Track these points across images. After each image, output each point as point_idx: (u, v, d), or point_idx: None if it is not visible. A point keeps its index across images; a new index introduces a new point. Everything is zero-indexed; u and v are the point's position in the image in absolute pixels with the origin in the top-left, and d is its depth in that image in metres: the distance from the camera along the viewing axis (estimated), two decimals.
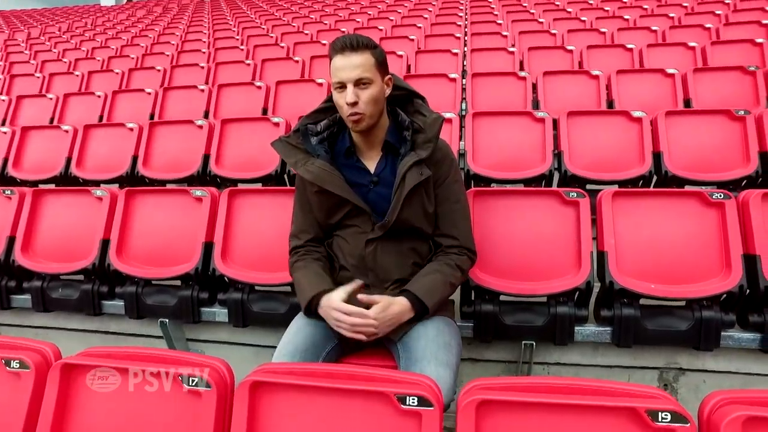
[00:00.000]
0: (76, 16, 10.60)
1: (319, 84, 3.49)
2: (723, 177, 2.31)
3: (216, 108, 3.56)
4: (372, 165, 1.48)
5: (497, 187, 2.23)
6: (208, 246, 1.97)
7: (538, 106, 3.19)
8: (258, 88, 3.57)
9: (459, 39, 4.73)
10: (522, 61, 3.96)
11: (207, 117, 3.49)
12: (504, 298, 1.74)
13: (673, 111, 2.54)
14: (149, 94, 3.73)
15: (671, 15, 5.03)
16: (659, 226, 1.71)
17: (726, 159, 2.36)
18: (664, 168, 2.36)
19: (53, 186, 2.99)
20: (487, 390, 0.98)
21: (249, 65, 4.33)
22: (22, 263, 2.14)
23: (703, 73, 3.09)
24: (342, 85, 1.36)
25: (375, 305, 1.33)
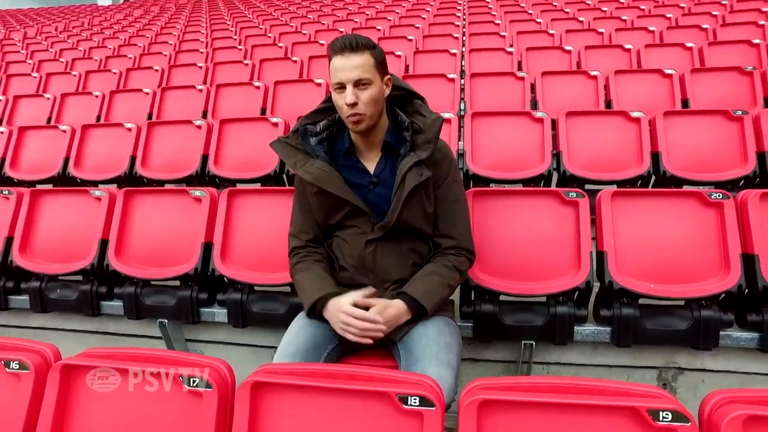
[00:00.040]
0: (72, 15, 10.56)
1: (318, 84, 3.49)
2: (721, 177, 2.32)
3: (214, 108, 3.55)
4: (371, 165, 1.48)
5: (497, 187, 2.23)
6: (207, 246, 1.97)
7: (536, 106, 3.19)
8: (256, 88, 3.57)
9: (457, 39, 4.73)
10: (520, 62, 3.96)
11: (205, 117, 3.48)
12: (504, 298, 1.75)
13: (672, 111, 2.55)
14: (147, 94, 3.72)
15: (668, 15, 5.05)
16: (658, 226, 1.72)
17: (724, 159, 2.37)
18: (662, 168, 2.36)
19: (51, 186, 2.98)
20: (489, 390, 0.98)
21: (247, 65, 4.32)
22: (20, 264, 2.13)
23: (701, 74, 3.11)
24: (341, 86, 1.35)
25: (372, 308, 1.34)
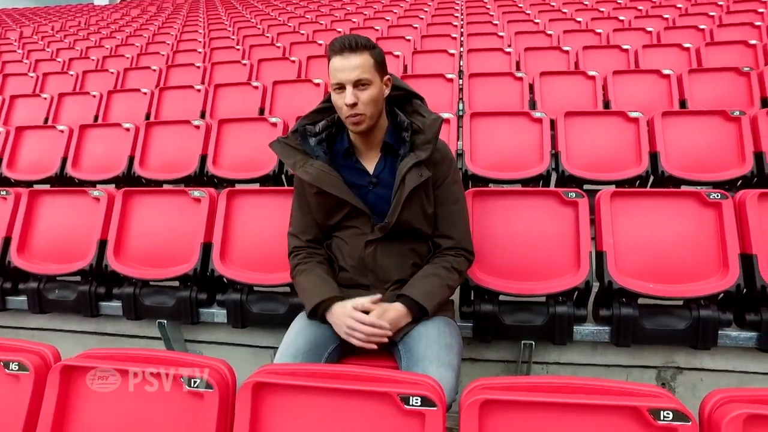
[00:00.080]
0: (69, 15, 10.52)
1: (317, 84, 3.48)
2: (719, 177, 2.33)
3: (212, 108, 3.54)
4: (371, 166, 1.48)
5: (496, 188, 2.23)
6: (206, 247, 1.96)
7: (534, 106, 3.20)
8: (255, 88, 3.56)
9: (455, 39, 4.74)
10: (518, 62, 3.97)
11: (203, 117, 3.47)
12: (503, 298, 1.75)
13: (670, 111, 2.56)
14: (145, 94, 3.71)
15: (665, 16, 5.07)
16: (657, 226, 1.72)
17: (721, 159, 2.38)
18: (660, 168, 2.37)
19: (48, 186, 2.97)
20: (490, 390, 0.98)
21: (245, 65, 4.32)
22: (17, 264, 2.12)
23: (698, 74, 3.12)
24: (341, 87, 1.35)
25: (371, 312, 1.34)
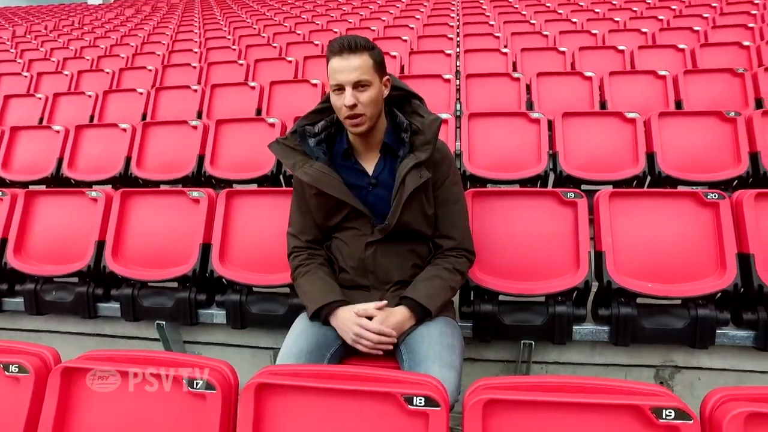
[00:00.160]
0: (62, 14, 10.45)
1: (314, 84, 3.48)
2: (715, 177, 2.35)
3: (209, 108, 3.53)
4: (370, 167, 1.48)
5: (496, 188, 2.24)
6: (205, 247, 1.96)
7: (531, 106, 3.21)
8: (252, 88, 3.55)
9: (452, 40, 4.75)
10: (515, 62, 3.99)
11: (200, 117, 3.46)
12: (503, 298, 1.76)
13: (666, 112, 2.58)
14: (141, 94, 3.69)
15: (660, 17, 5.10)
16: (655, 225, 1.73)
17: (717, 159, 2.40)
18: (657, 168, 2.39)
19: (44, 187, 2.95)
20: (493, 389, 0.99)
21: (242, 65, 4.30)
22: (14, 266, 2.11)
23: (694, 75, 3.14)
24: (340, 88, 1.34)
25: (374, 318, 1.34)
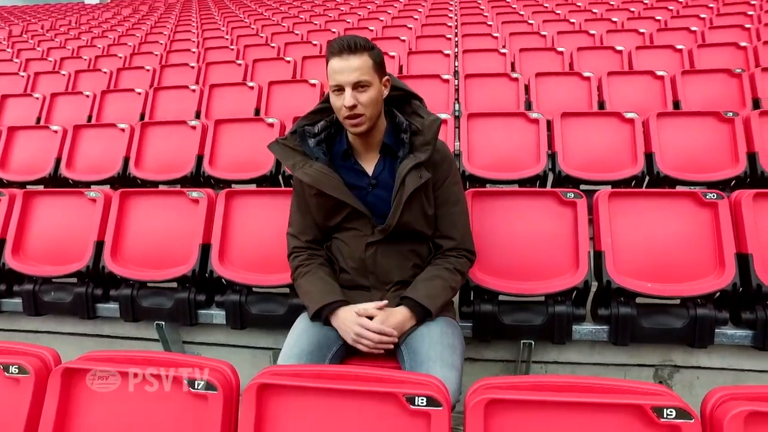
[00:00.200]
0: (59, 13, 10.41)
1: (312, 85, 3.48)
2: (713, 177, 2.36)
3: (208, 108, 3.52)
4: (370, 167, 1.48)
5: (495, 188, 2.24)
6: (205, 248, 1.95)
7: (530, 107, 3.21)
8: (250, 88, 3.54)
9: (450, 40, 4.75)
10: (513, 62, 3.99)
11: (198, 117, 3.45)
12: (503, 297, 1.76)
13: (665, 112, 2.59)
14: (139, 94, 3.68)
15: (658, 18, 5.12)
16: (655, 225, 1.74)
17: (715, 159, 2.41)
18: (656, 168, 2.40)
19: (42, 187, 2.93)
20: (495, 389, 0.99)
21: (240, 65, 4.30)
22: (12, 266, 2.10)
23: (691, 76, 3.16)
24: (340, 88, 1.34)
25: (375, 318, 1.35)
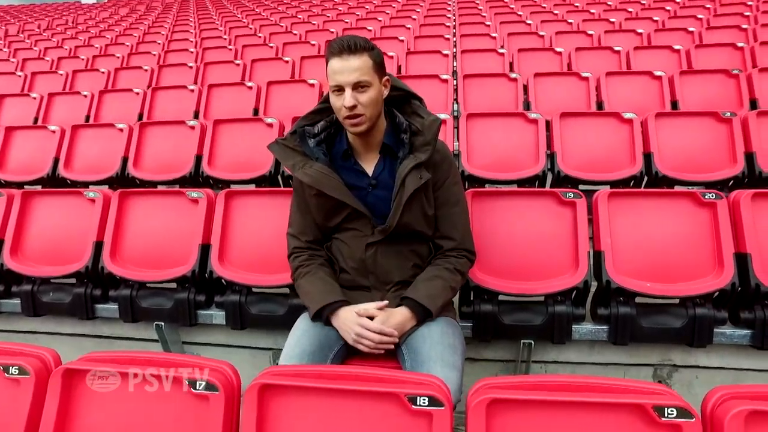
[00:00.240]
0: (55, 13, 10.37)
1: (311, 85, 3.47)
2: (711, 177, 2.37)
3: (206, 108, 3.52)
4: (370, 167, 1.48)
5: (495, 188, 2.25)
6: (204, 248, 1.95)
7: (528, 107, 3.22)
8: (249, 88, 3.54)
9: (448, 40, 4.76)
10: (512, 63, 4.00)
11: (197, 117, 3.45)
12: (503, 297, 1.76)
13: (663, 113, 2.59)
14: (137, 94, 3.67)
15: (655, 18, 5.13)
16: (654, 225, 1.74)
17: (714, 160, 2.42)
18: (654, 168, 2.40)
19: (39, 187, 2.92)
20: (496, 389, 0.99)
21: (238, 65, 4.29)
22: (10, 267, 2.09)
23: (689, 76, 3.17)
24: (340, 89, 1.34)
25: (376, 318, 1.35)
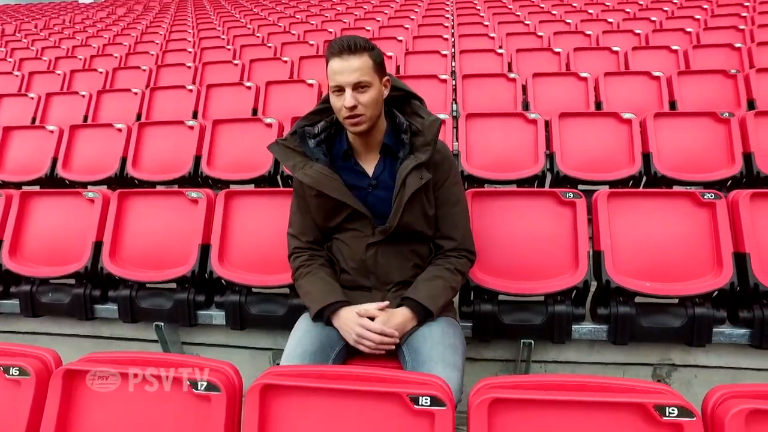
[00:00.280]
0: (52, 12, 10.34)
1: (310, 85, 3.47)
2: (709, 177, 2.38)
3: (205, 108, 3.51)
4: (370, 168, 1.48)
5: (495, 188, 2.25)
6: (204, 248, 1.95)
7: (527, 107, 3.22)
8: (247, 88, 3.54)
9: (447, 40, 4.76)
10: (510, 63, 4.00)
11: (195, 117, 3.44)
12: (503, 297, 1.76)
13: (662, 113, 2.60)
14: (136, 94, 3.66)
15: (653, 19, 5.14)
16: (653, 225, 1.75)
17: (712, 160, 2.43)
18: (653, 168, 2.41)
19: (38, 188, 2.92)
20: (498, 389, 0.99)
21: (237, 65, 4.29)
22: (9, 267, 2.08)
23: (687, 76, 3.18)
24: (340, 89, 1.34)
25: (377, 319, 1.35)
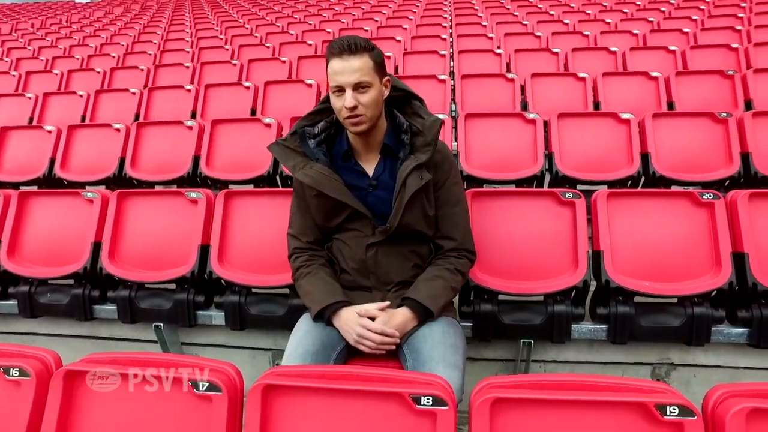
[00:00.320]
0: (49, 12, 10.31)
1: (309, 85, 3.47)
2: (708, 177, 2.39)
3: (203, 109, 3.51)
4: (370, 168, 1.48)
5: (495, 188, 2.25)
6: (204, 248, 1.94)
7: (526, 107, 3.23)
8: (246, 88, 3.53)
9: (445, 40, 4.77)
10: (509, 63, 4.01)
11: (194, 117, 3.43)
12: (502, 297, 1.77)
13: (660, 113, 2.61)
14: (134, 94, 3.65)
15: (651, 19, 5.16)
16: (652, 225, 1.75)
17: (710, 160, 2.44)
18: (651, 168, 2.42)
19: (35, 188, 2.91)
20: (500, 388, 0.99)
21: (235, 65, 4.28)
22: (7, 268, 2.07)
23: (685, 77, 3.19)
24: (340, 89, 1.34)
25: (377, 319, 1.35)
